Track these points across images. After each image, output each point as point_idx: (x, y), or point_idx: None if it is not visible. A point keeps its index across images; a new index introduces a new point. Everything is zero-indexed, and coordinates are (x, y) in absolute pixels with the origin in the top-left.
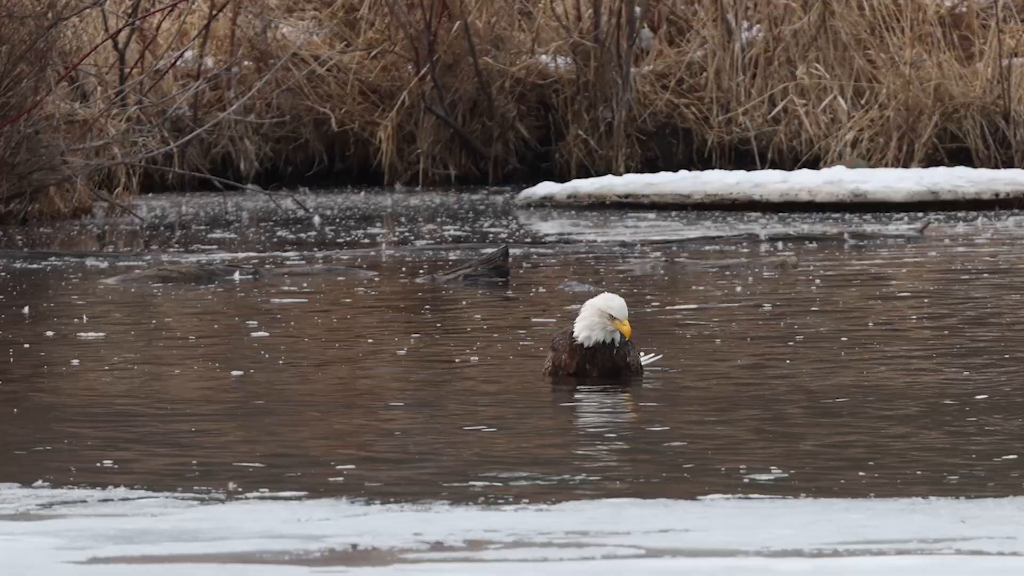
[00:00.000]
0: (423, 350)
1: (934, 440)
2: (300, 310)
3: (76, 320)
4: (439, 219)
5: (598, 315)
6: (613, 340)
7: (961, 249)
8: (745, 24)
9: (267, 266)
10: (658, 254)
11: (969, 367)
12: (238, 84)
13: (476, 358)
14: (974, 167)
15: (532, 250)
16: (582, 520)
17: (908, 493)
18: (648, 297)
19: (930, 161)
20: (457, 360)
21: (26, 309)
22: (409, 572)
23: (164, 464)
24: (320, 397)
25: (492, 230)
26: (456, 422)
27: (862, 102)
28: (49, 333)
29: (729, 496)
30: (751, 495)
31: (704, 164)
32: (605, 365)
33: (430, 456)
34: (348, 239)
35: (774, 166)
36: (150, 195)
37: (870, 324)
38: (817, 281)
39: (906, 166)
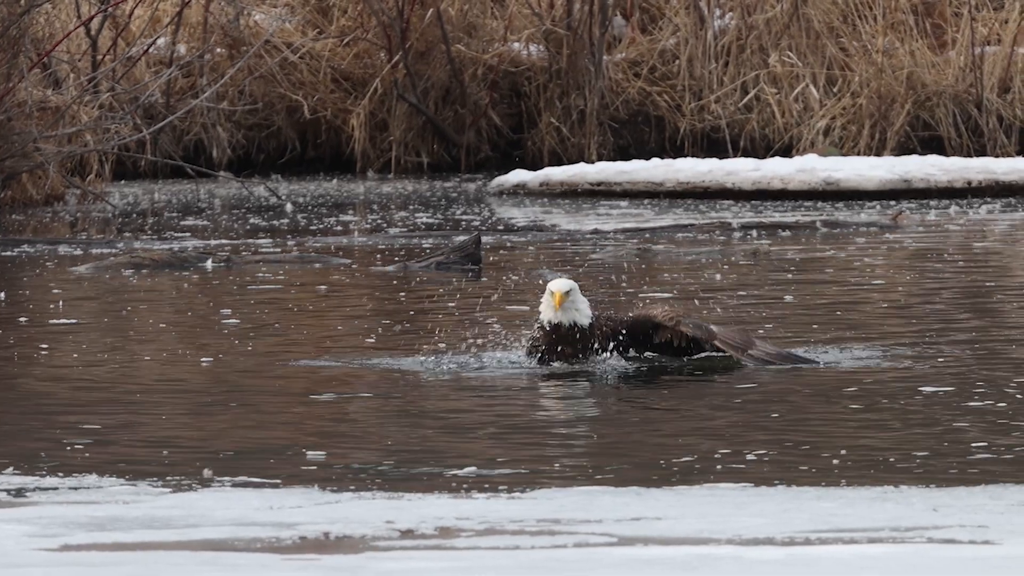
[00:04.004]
0: (394, 338)
1: (905, 429)
2: (272, 297)
3: (51, 307)
4: (411, 207)
5: (546, 295)
6: (574, 322)
7: (933, 237)
8: (717, 12)
9: (240, 253)
10: (634, 241)
11: (940, 355)
12: (210, 71)
13: (445, 345)
14: (946, 155)
15: (504, 238)
16: (554, 508)
17: (880, 481)
18: (622, 285)
19: (902, 149)
20: (428, 348)
21: (0, 296)
22: (381, 559)
23: (135, 451)
24: (291, 385)
25: (464, 218)
26: (427, 410)
27: (834, 90)
28: (22, 319)
29: (701, 484)
30: (723, 483)
31: (676, 152)
32: (579, 347)
33: (401, 444)
34: (321, 227)
35: (746, 154)
36: (122, 182)
37: (840, 313)
38: (790, 269)
39: (878, 154)
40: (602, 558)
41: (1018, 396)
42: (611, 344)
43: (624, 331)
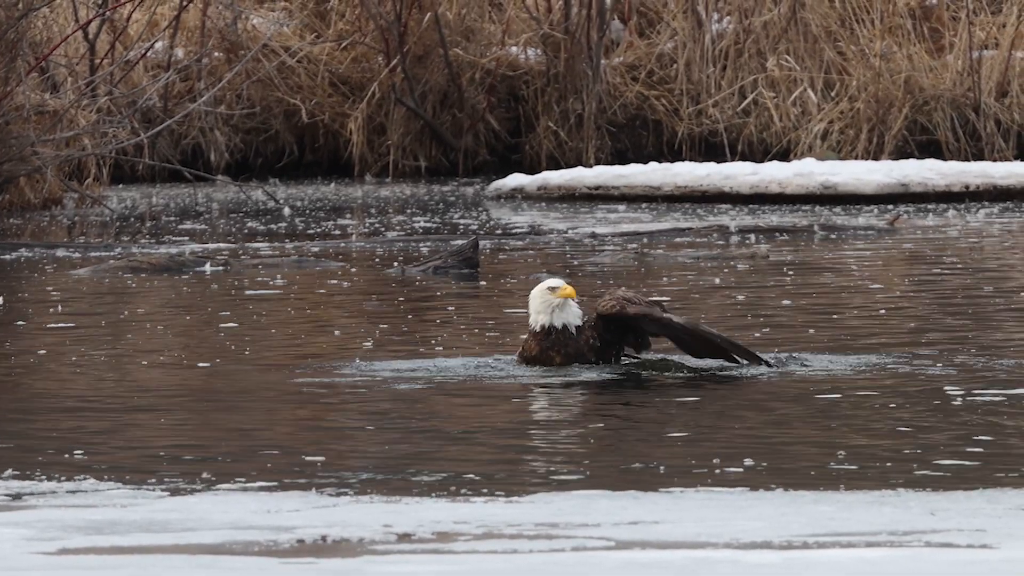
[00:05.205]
0: (392, 342)
1: (904, 432)
2: (270, 301)
3: (49, 310)
4: (409, 211)
5: (541, 297)
6: (565, 325)
7: (931, 242)
8: (715, 16)
9: (238, 257)
10: (632, 245)
11: (939, 360)
12: (208, 75)
13: (443, 348)
14: (944, 159)
15: (502, 242)
16: (552, 512)
17: (878, 485)
18: (620, 289)
19: (900, 153)
20: (425, 351)
21: None
22: (378, 563)
23: (133, 455)
24: (289, 388)
25: (462, 222)
26: (425, 414)
27: (832, 94)
28: (20, 323)
29: (698, 488)
30: (721, 487)
31: (674, 156)
32: (568, 351)
33: (399, 448)
34: (318, 230)
35: (744, 158)
36: (120, 186)
37: (837, 316)
38: (787, 273)
39: (876, 158)
40: (600, 562)
41: (1015, 399)
42: (601, 345)
43: (602, 332)
